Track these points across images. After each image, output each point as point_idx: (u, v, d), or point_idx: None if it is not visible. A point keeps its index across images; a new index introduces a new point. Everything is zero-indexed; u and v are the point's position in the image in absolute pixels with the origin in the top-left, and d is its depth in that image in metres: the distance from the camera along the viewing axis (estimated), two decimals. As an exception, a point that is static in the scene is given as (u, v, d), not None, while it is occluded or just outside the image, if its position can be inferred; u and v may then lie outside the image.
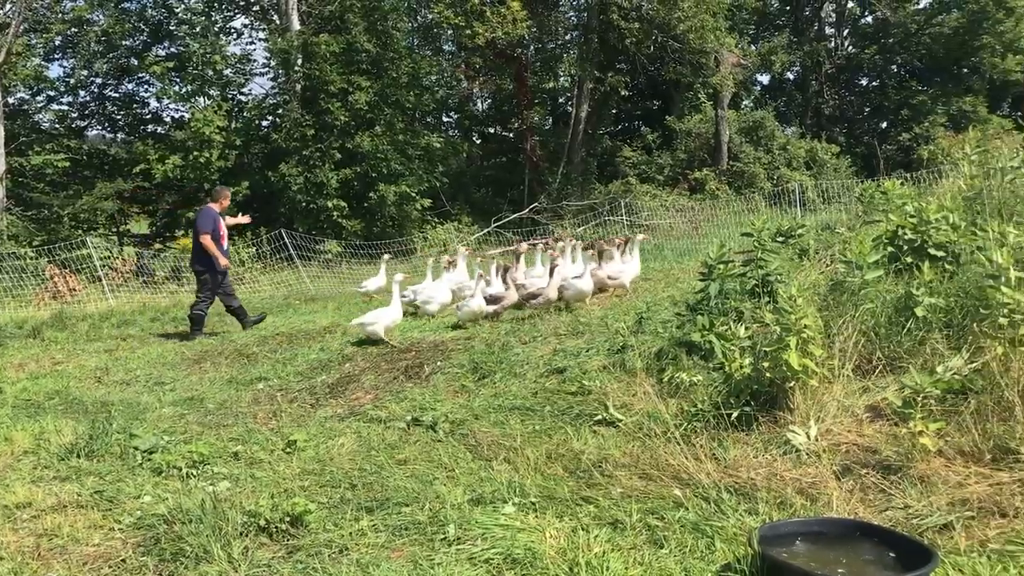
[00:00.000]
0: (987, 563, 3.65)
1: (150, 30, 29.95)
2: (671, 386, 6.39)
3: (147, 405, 8.36)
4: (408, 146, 26.07)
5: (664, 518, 4.41)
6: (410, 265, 22.55)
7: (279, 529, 4.61)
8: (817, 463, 4.74)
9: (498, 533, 4.35)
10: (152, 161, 25.31)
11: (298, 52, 25.30)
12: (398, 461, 5.89)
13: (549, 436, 6.02)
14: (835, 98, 40.86)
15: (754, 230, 7.66)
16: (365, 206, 25.49)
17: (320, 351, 10.17)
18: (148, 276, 20.76)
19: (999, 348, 4.81)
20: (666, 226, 24.38)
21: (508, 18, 26.61)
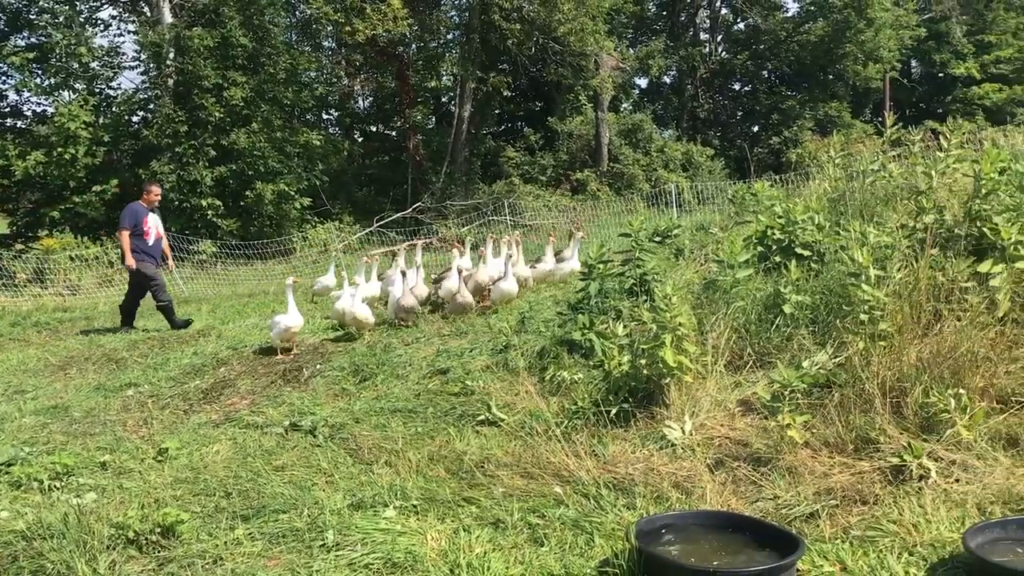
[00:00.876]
0: (850, 549, 3.82)
1: (8, 18, 28.26)
2: (553, 384, 6.45)
3: (5, 415, 7.89)
4: (287, 143, 25.48)
5: (545, 516, 4.44)
6: (290, 265, 22.10)
7: (149, 541, 4.42)
8: (692, 457, 4.87)
9: (378, 537, 4.29)
10: (11, 157, 23.91)
11: (170, 46, 24.37)
12: (276, 467, 5.75)
13: (432, 438, 5.98)
14: (710, 102, 42.17)
15: (632, 230, 7.81)
16: (241, 205, 24.77)
17: (193, 355, 9.83)
18: (9, 278, 19.60)
19: (860, 343, 5.05)
20: (549, 226, 24.63)
21: (389, 15, 26.34)
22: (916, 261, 5.67)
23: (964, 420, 4.39)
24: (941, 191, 6.80)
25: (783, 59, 39.50)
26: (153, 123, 24.80)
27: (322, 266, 21.62)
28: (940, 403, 4.43)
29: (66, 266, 20.37)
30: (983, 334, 4.90)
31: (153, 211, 12.09)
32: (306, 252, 23.92)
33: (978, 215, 5.95)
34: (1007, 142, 11.25)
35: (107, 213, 24.83)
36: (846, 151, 9.17)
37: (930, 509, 3.98)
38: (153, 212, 12.09)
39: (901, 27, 36.30)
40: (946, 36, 38.05)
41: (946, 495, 4.07)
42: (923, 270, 5.42)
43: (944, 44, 38.64)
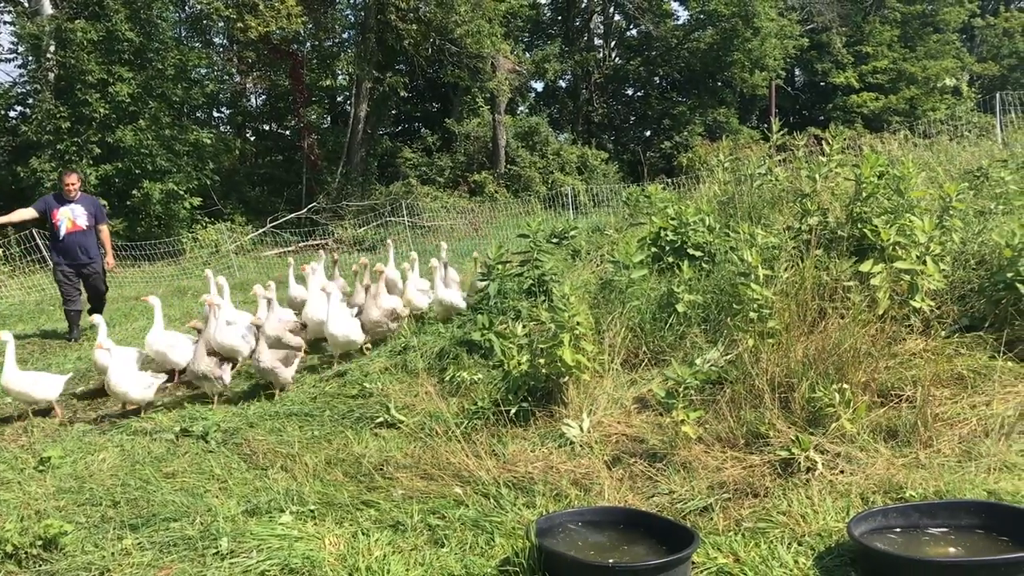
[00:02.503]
0: (742, 540, 3.94)
1: None
2: (452, 385, 6.44)
3: None
4: (176, 141, 24.67)
5: (445, 517, 4.44)
6: (179, 267, 21.44)
7: (29, 555, 4.23)
8: (590, 454, 4.94)
9: (274, 544, 4.20)
10: None
11: (50, 38, 23.28)
12: (166, 475, 5.58)
13: (329, 441, 5.90)
14: (604, 106, 42.84)
15: (530, 231, 7.88)
16: (128, 204, 23.86)
17: (78, 360, 9.45)
18: None
19: (750, 340, 5.22)
20: (447, 227, 24.62)
21: (283, 13, 25.83)
22: (802, 261, 5.90)
23: (848, 414, 4.58)
24: (824, 194, 7.09)
25: (674, 65, 40.44)
26: (32, 118, 23.66)
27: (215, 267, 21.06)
28: (825, 398, 4.61)
29: (-65, 268, 19.23)
30: (865, 331, 5.13)
31: (70, 201, 10.57)
32: (196, 253, 23.23)
33: (859, 217, 6.23)
34: (884, 148, 11.81)
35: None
36: (734, 156, 9.46)
37: (817, 500, 4.14)
38: (71, 203, 10.56)
39: (786, 37, 37.65)
40: (827, 46, 39.62)
41: (832, 486, 4.24)
42: (808, 270, 5.63)
43: (825, 54, 40.22)
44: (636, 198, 10.02)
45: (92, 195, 11.02)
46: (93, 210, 10.70)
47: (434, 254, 19.18)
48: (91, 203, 10.83)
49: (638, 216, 9.66)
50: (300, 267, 10.10)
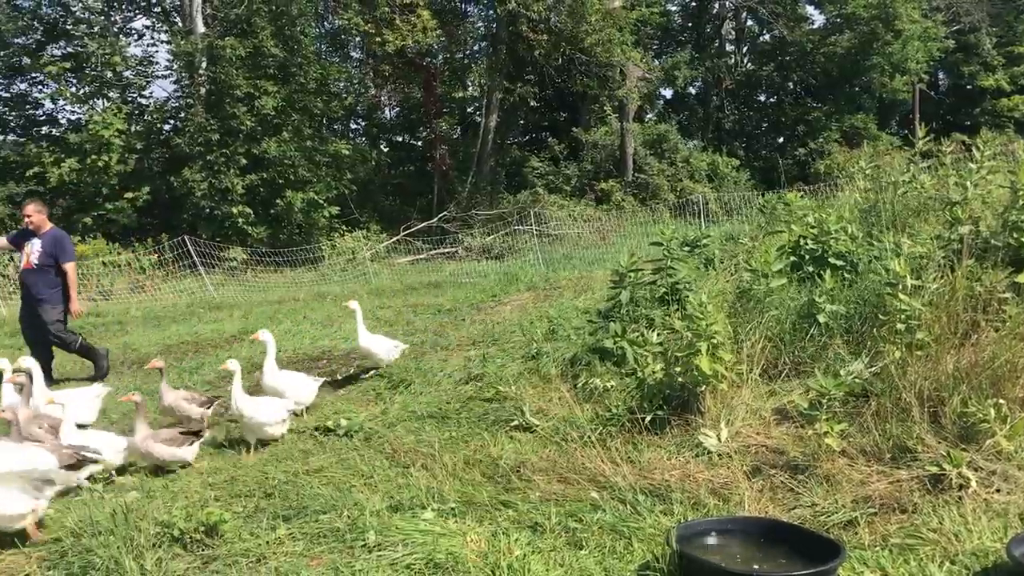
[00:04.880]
0: (889, 556, 3.84)
1: (45, 28, 28.77)
2: (585, 391, 6.49)
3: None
4: (316, 152, 25.72)
5: (583, 520, 4.49)
6: (318, 273, 22.28)
7: (193, 539, 4.50)
8: (728, 464, 4.90)
9: (418, 539, 4.35)
10: (47, 164, 24.36)
11: (203, 55, 24.71)
12: (312, 470, 5.83)
13: (466, 442, 6.05)
14: (735, 113, 42.09)
15: (663, 239, 7.85)
16: (271, 213, 25.02)
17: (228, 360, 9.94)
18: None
19: (897, 352, 5.06)
20: (574, 236, 24.71)
21: (418, 27, 26.56)
22: (951, 271, 5.67)
23: (1004, 430, 4.39)
24: (975, 202, 6.79)
25: (809, 71, 39.33)
26: (185, 131, 25.12)
27: (351, 273, 21.85)
28: (979, 413, 4.44)
29: (99, 271, 20.67)
30: (1022, 345, 4.90)
31: (34, 236, 9.38)
32: (334, 260, 24.10)
33: (1015, 226, 5.94)
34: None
35: (138, 220, 25.19)
36: (875, 163, 9.17)
37: (971, 519, 3.99)
38: (36, 237, 9.37)
39: (929, 39, 36.03)
40: (975, 48, 37.75)
41: (987, 505, 4.08)
42: (959, 280, 5.42)
43: (973, 56, 38.32)
44: (772, 206, 9.84)
45: (60, 230, 9.77)
46: (51, 248, 9.30)
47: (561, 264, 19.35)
48: (52, 241, 9.37)
49: (774, 224, 9.47)
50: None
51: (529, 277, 14.23)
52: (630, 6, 30.87)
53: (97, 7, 28.10)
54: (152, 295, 19.36)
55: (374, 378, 8.34)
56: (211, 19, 26.16)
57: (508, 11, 27.65)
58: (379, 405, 7.50)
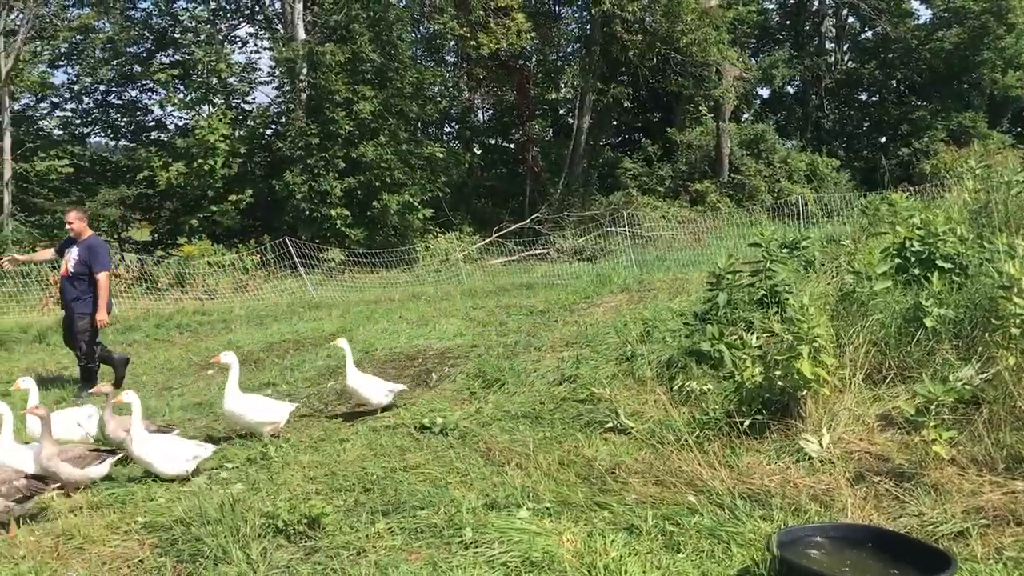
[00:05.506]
0: (1004, 570, 3.69)
1: (155, 38, 30.05)
2: (681, 394, 6.43)
3: (156, 410, 8.38)
4: (411, 156, 26.14)
5: (679, 524, 4.45)
6: (413, 274, 22.61)
7: (296, 531, 4.64)
8: (831, 470, 4.79)
9: (514, 537, 4.38)
10: (156, 168, 25.41)
11: (303, 61, 25.39)
12: (409, 466, 5.92)
13: (560, 443, 6.06)
14: (835, 112, 40.97)
15: (762, 240, 7.71)
16: (368, 215, 25.53)
17: (327, 357, 10.19)
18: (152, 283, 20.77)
19: (1011, 358, 4.86)
20: (667, 237, 24.45)
21: (512, 30, 26.73)
22: (1071, 275, 5.41)
23: None
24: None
25: (914, 68, 38.02)
26: (286, 135, 25.85)
27: (444, 275, 22.11)
28: (1101, 423, 4.23)
29: (204, 271, 21.44)
30: None
31: (75, 243, 9.47)
32: (428, 261, 24.43)
33: None
34: None
35: (241, 221, 26.03)
36: (985, 162, 8.81)
37: (1091, 532, 3.81)
38: (75, 245, 9.45)
39: (1045, 32, 34.45)
40: (1094, 41, 35.89)
41: (1112, 519, 3.89)
42: (1080, 284, 5.17)
43: (1092, 49, 36.46)
44: (875, 207, 9.55)
45: (97, 239, 9.75)
46: (85, 256, 9.30)
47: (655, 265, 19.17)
48: (87, 249, 9.37)
49: (878, 226, 9.19)
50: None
51: (622, 279, 14.15)
52: (727, 5, 30.41)
53: (203, 16, 29.20)
54: (254, 294, 19.98)
55: (468, 377, 8.41)
56: (311, 26, 26.86)
57: (602, 12, 27.57)
58: (473, 404, 7.57)
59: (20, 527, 5.14)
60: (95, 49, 28.35)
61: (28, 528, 5.13)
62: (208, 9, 30.09)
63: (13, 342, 13.23)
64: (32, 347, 13.01)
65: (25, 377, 6.99)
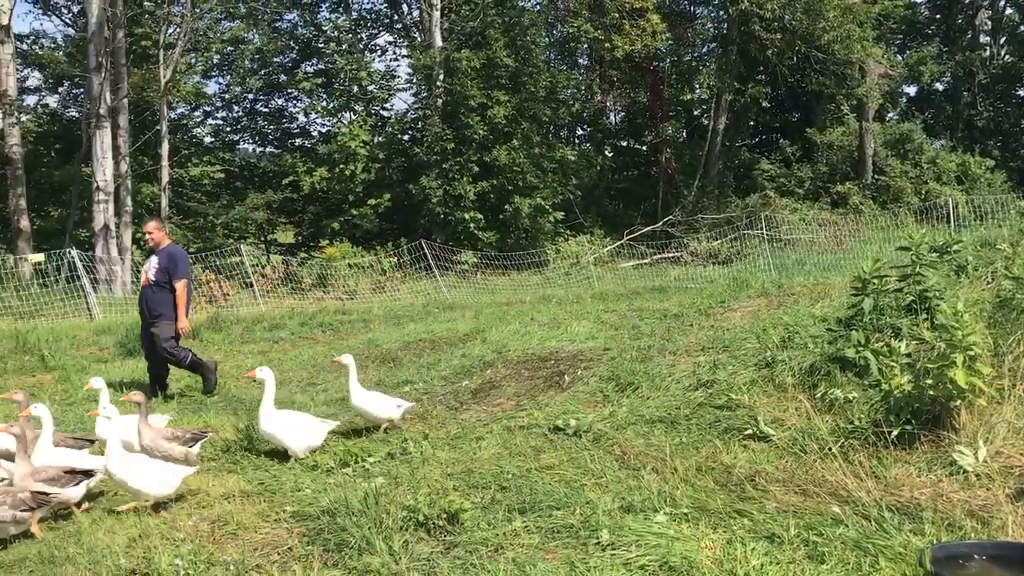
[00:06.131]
0: None
1: (300, 48, 31.40)
2: (824, 402, 6.22)
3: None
4: (543, 159, 26.34)
5: (823, 534, 4.31)
6: (543, 277, 22.75)
7: (436, 525, 4.75)
8: (988, 485, 4.55)
9: (652, 541, 4.35)
10: (300, 173, 26.50)
11: (440, 68, 25.97)
12: (544, 466, 5.96)
13: (697, 449, 5.97)
14: (989, 110, 38.79)
15: (911, 244, 7.38)
16: (500, 218, 25.88)
17: (462, 357, 10.37)
18: (296, 283, 21.70)
19: None
20: (807, 241, 23.73)
21: (647, 31, 26.55)
22: None
23: None
24: None
25: (1080, 61, 35.67)
26: (423, 141, 26.49)
27: (574, 277, 22.15)
28: None
29: (344, 273, 22.23)
30: None
31: (153, 253, 9.62)
32: (558, 264, 24.54)
33: None
34: None
35: (380, 224, 26.84)
36: None
37: None
38: (154, 254, 9.60)
39: None
40: None
41: None
42: None
43: None
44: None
45: (176, 247, 9.86)
46: (165, 265, 9.35)
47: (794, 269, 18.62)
48: (167, 257, 9.43)
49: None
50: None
51: (760, 283, 13.81)
52: (871, 0, 29.27)
53: (346, 26, 30.25)
54: (391, 295, 20.57)
55: (601, 379, 8.39)
56: (448, 33, 27.44)
57: (740, 11, 27.05)
58: (607, 407, 7.54)
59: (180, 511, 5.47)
60: (244, 60, 29.83)
61: (187, 512, 5.44)
62: (350, 19, 31.21)
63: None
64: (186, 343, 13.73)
65: (97, 377, 7.10)
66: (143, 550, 4.82)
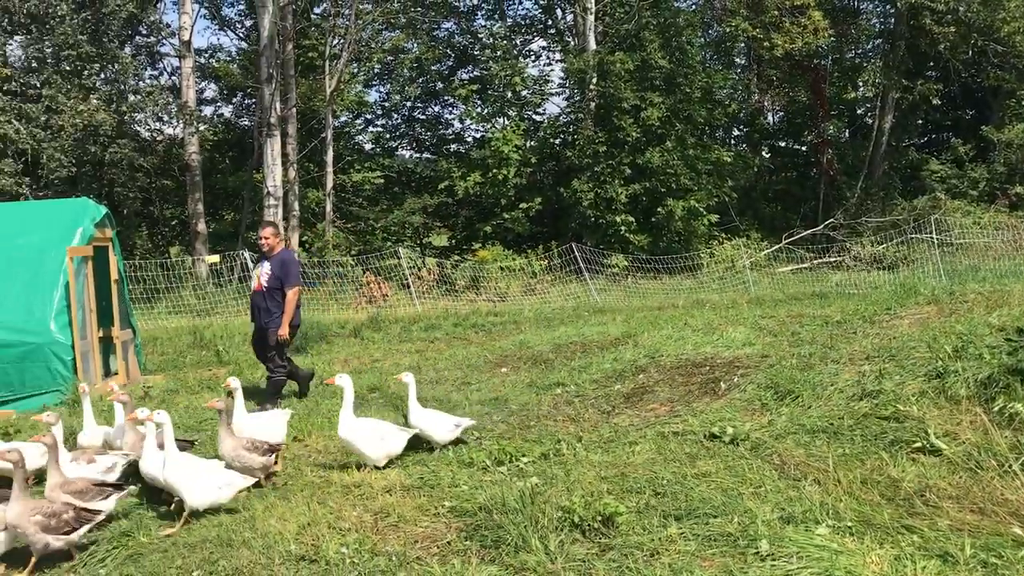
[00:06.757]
0: None
1: (456, 55, 32.16)
2: (1003, 417, 5.86)
3: (456, 403, 8.96)
4: (698, 161, 25.92)
5: (1003, 556, 4.06)
6: (696, 281, 22.38)
7: (591, 527, 4.76)
8: None
9: (814, 553, 4.22)
10: (455, 178, 27.11)
11: (593, 71, 26.00)
12: (700, 473, 5.87)
13: (861, 461, 5.73)
14: None
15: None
16: (652, 221, 25.64)
17: (613, 361, 10.34)
18: (450, 285, 22.25)
19: None
20: (982, 245, 22.33)
21: (808, 28, 25.70)
22: None
23: None
24: None
25: None
26: (575, 144, 26.58)
27: (729, 282, 21.68)
28: None
29: (496, 275, 22.59)
30: None
31: (266, 258, 9.58)
32: (712, 268, 24.09)
33: None
34: None
35: (531, 228, 27.12)
36: None
37: None
38: (266, 259, 9.57)
39: None
40: None
41: None
42: None
43: None
44: None
45: (289, 253, 9.95)
46: (278, 271, 9.41)
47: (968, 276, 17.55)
48: (279, 263, 9.48)
49: None
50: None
51: (930, 289, 13.11)
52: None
53: (501, 32, 30.74)
54: (542, 297, 20.75)
55: (758, 387, 8.18)
56: (602, 36, 27.44)
57: (909, 4, 25.80)
58: (765, 415, 7.36)
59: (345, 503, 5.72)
60: (404, 68, 30.82)
61: (351, 503, 5.67)
62: (505, 26, 31.68)
63: (333, 336, 14.69)
64: (348, 341, 14.38)
65: (234, 378, 7.30)
66: (312, 538, 5.06)
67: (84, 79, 20.43)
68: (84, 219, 10.80)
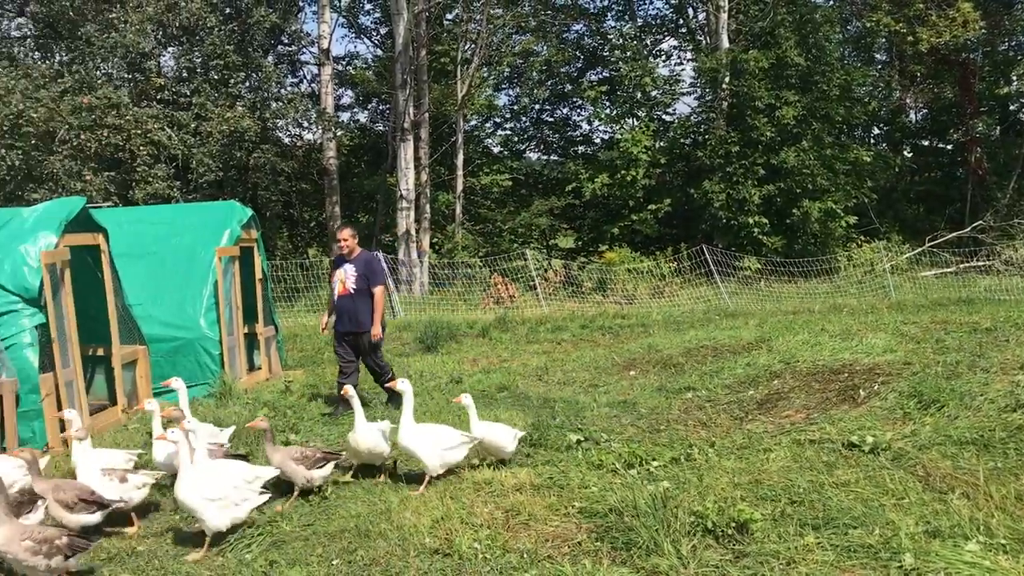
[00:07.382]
0: None
1: (585, 57, 32.12)
2: None
3: (584, 405, 8.96)
4: (835, 160, 25.04)
5: None
6: (833, 285, 21.63)
7: (725, 534, 4.68)
8: None
9: (963, 570, 4.04)
10: (582, 180, 27.09)
11: (726, 70, 25.50)
12: (838, 483, 5.69)
13: (1015, 475, 5.44)
14: None
15: None
16: (787, 223, 24.92)
17: (746, 366, 10.11)
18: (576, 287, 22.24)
19: None
20: None
21: (957, 21, 24.45)
22: None
23: None
24: None
25: None
26: (706, 144, 26.13)
27: (868, 286, 20.87)
28: None
29: (623, 278, 22.45)
30: None
31: (346, 261, 9.31)
32: (850, 271, 23.23)
33: None
34: None
35: (659, 230, 26.82)
36: None
37: None
38: (347, 262, 9.30)
39: None
40: None
41: None
42: None
43: None
44: None
45: (370, 253, 9.75)
46: (364, 271, 9.20)
47: None
48: (364, 263, 9.29)
49: None
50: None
51: (1091, 296, 12.29)
52: None
53: (631, 33, 30.54)
54: (670, 300, 20.49)
55: (899, 395, 7.85)
56: (735, 34, 26.88)
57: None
58: (907, 425, 7.06)
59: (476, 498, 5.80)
60: (533, 71, 31.01)
61: (483, 500, 5.75)
62: (635, 26, 31.45)
63: (462, 336, 14.93)
64: (477, 341, 14.58)
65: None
66: (445, 532, 5.17)
67: (231, 87, 21.44)
68: (232, 221, 11.33)
